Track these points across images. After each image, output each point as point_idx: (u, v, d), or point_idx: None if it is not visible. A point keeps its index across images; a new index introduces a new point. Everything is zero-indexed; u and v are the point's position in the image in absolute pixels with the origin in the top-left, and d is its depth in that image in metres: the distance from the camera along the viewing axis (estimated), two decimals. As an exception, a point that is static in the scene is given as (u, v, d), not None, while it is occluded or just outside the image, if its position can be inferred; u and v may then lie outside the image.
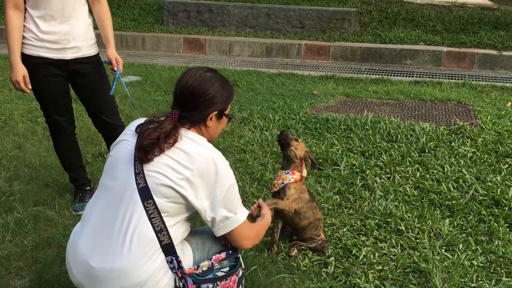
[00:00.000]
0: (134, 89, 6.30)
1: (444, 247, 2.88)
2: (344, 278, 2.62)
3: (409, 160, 3.97)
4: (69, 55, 3.05)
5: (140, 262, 1.78)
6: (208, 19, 9.02)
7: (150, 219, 1.79)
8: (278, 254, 2.80)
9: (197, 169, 1.81)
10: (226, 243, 2.05)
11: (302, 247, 2.85)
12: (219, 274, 1.96)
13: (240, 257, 2.07)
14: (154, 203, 1.80)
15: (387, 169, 3.85)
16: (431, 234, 3.01)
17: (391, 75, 6.97)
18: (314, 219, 2.83)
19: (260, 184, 3.70)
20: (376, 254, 2.81)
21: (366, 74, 7.08)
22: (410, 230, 3.03)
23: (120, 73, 3.20)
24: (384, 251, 2.84)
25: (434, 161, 3.94)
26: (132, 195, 1.81)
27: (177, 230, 1.87)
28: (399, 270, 2.67)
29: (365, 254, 2.80)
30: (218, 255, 2.00)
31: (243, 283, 2.09)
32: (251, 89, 6.28)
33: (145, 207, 1.80)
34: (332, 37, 8.17)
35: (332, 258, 2.76)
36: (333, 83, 6.61)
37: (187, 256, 1.97)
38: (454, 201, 3.33)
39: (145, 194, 1.80)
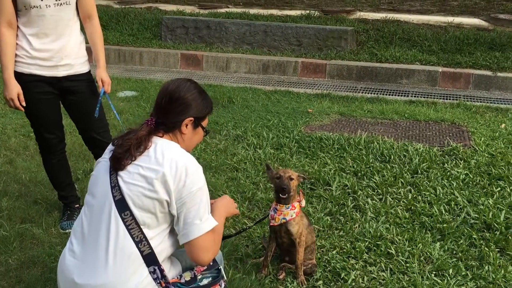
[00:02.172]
0: (130, 104, 6.30)
1: (434, 272, 2.85)
2: (332, 303, 2.58)
3: (401, 181, 3.95)
4: (61, 73, 3.05)
5: (124, 276, 1.77)
6: (206, 35, 9.07)
7: (128, 230, 1.79)
8: (266, 276, 2.77)
9: (167, 172, 1.80)
10: None
11: (290, 270, 2.82)
12: (202, 283, 1.96)
13: (222, 269, 2.05)
14: (131, 214, 1.80)
15: (379, 190, 3.83)
16: (421, 258, 2.98)
17: (386, 94, 6.98)
18: (311, 242, 2.81)
19: (251, 203, 3.68)
20: (365, 278, 2.78)
21: (362, 92, 7.09)
22: (400, 254, 3.01)
23: (107, 93, 3.19)
24: (373, 275, 2.81)
25: (427, 183, 3.92)
26: (110, 208, 1.82)
27: (162, 244, 1.85)
28: (387, 296, 2.64)
29: (354, 278, 2.76)
30: (200, 266, 1.98)
31: None
32: (246, 106, 6.28)
33: (122, 219, 1.80)
34: (328, 55, 8.21)
35: (320, 282, 2.72)
36: (328, 101, 6.62)
37: (174, 267, 1.96)
38: (445, 224, 3.31)
39: (122, 206, 1.81)
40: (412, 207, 3.57)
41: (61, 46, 3.00)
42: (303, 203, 2.74)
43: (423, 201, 3.67)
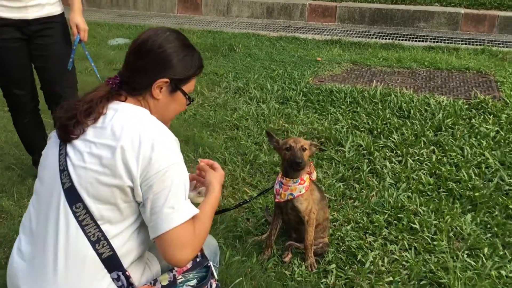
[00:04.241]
0: (121, 53, 5.75)
1: (467, 252, 2.43)
2: (347, 292, 2.19)
3: (423, 140, 3.48)
4: (30, 14, 2.60)
5: (78, 285, 1.35)
6: (205, -24, 8.32)
7: (82, 227, 1.35)
8: (270, 259, 2.37)
9: (127, 147, 1.34)
10: None
11: (298, 250, 2.41)
12: None
13: (212, 266, 1.62)
14: (85, 207, 1.35)
15: (399, 151, 3.36)
16: (451, 234, 2.56)
17: (403, 40, 6.37)
18: (323, 219, 2.39)
19: (253, 167, 3.24)
20: (386, 260, 2.37)
21: (376, 38, 6.48)
22: (425, 229, 2.58)
23: (84, 41, 2.69)
24: (395, 256, 2.40)
25: (452, 142, 3.45)
26: (59, 199, 1.38)
27: (128, 243, 1.41)
28: (412, 283, 2.23)
29: (372, 260, 2.35)
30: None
31: None
32: (248, 54, 5.72)
33: (74, 212, 1.36)
34: (339, -3, 7.50)
35: (333, 266, 2.32)
36: (339, 48, 6.03)
37: (149, 269, 1.54)
38: (476, 192, 2.86)
39: (72, 196, 1.36)
40: (437, 171, 3.12)
41: None
42: (314, 175, 2.28)
43: (449, 164, 3.21)
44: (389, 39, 6.39)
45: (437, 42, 6.23)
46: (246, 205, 2.79)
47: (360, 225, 2.62)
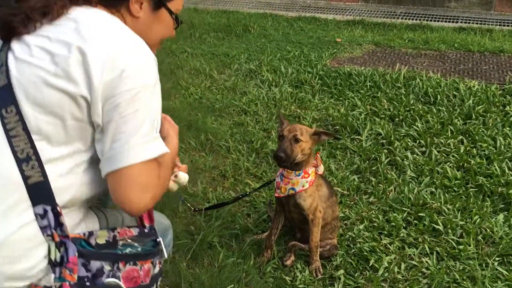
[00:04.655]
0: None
1: (498, 258, 2.10)
2: (356, 303, 1.89)
3: (450, 129, 3.12)
4: None
5: None
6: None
7: (9, 138, 1.05)
8: (269, 261, 2.09)
9: (90, 50, 1.05)
10: (142, 216, 1.25)
11: (303, 252, 2.12)
12: (123, 252, 1.18)
13: (162, 243, 1.25)
14: (18, 113, 1.06)
15: (422, 141, 3.02)
16: (479, 237, 2.23)
17: (431, 20, 5.95)
18: (332, 218, 2.09)
19: (259, 156, 2.95)
20: (402, 266, 2.06)
21: (402, 18, 6.06)
22: (450, 230, 2.26)
23: None
24: (414, 262, 2.08)
25: (483, 131, 3.09)
26: None
27: (70, 175, 1.10)
28: (433, 294, 1.93)
29: (387, 265, 2.05)
30: (126, 228, 1.22)
31: (159, 284, 1.26)
32: (263, 35, 5.41)
33: (2, 117, 1.06)
34: (363, -25, 7.07)
35: (341, 272, 2.02)
36: (361, 29, 5.65)
37: (90, 220, 1.23)
38: (510, 189, 2.51)
39: (5, 96, 1.06)
40: (465, 164, 2.77)
41: None
42: (321, 169, 1.97)
43: (479, 156, 2.86)
44: (416, 19, 5.97)
45: (469, 23, 5.79)
46: (247, 199, 2.51)
47: (375, 224, 2.31)
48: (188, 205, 2.34)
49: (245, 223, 2.33)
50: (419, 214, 2.37)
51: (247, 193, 2.26)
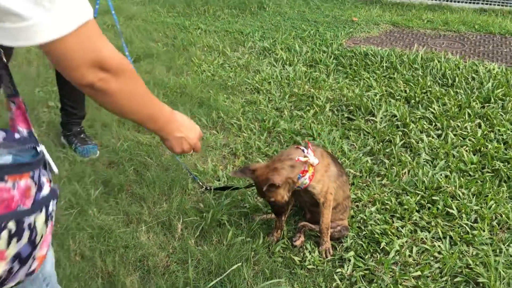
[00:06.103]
0: (144, 8, 5.44)
1: (512, 245, 2.05)
2: (365, 286, 1.86)
3: (468, 112, 3.04)
4: None
5: None
6: None
7: None
8: (279, 241, 2.06)
9: None
10: (14, 117, 0.89)
11: (312, 232, 2.10)
12: None
13: (45, 152, 0.91)
14: None
15: (438, 124, 2.95)
16: (494, 223, 2.17)
17: (451, 1, 5.76)
18: (344, 198, 2.05)
19: (270, 135, 2.91)
20: (414, 250, 2.02)
21: (421, -2, 5.89)
22: (464, 215, 2.21)
23: None
24: (426, 246, 2.04)
25: (502, 115, 3.00)
26: None
27: None
28: (445, 279, 1.89)
29: (398, 249, 2.01)
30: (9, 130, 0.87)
31: (52, 210, 0.91)
32: (279, 13, 5.30)
33: None
34: (382, -47, 6.86)
35: (351, 253, 1.99)
36: (379, 8, 5.51)
37: None
38: (528, 175, 2.45)
39: None
40: (482, 148, 2.70)
41: None
42: (312, 159, 1.89)
43: (497, 140, 2.78)
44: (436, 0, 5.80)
45: (490, 4, 5.60)
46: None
47: (387, 207, 2.27)
48: (200, 183, 2.32)
49: (255, 202, 2.30)
50: (433, 197, 2.32)
51: (244, 187, 2.23)
